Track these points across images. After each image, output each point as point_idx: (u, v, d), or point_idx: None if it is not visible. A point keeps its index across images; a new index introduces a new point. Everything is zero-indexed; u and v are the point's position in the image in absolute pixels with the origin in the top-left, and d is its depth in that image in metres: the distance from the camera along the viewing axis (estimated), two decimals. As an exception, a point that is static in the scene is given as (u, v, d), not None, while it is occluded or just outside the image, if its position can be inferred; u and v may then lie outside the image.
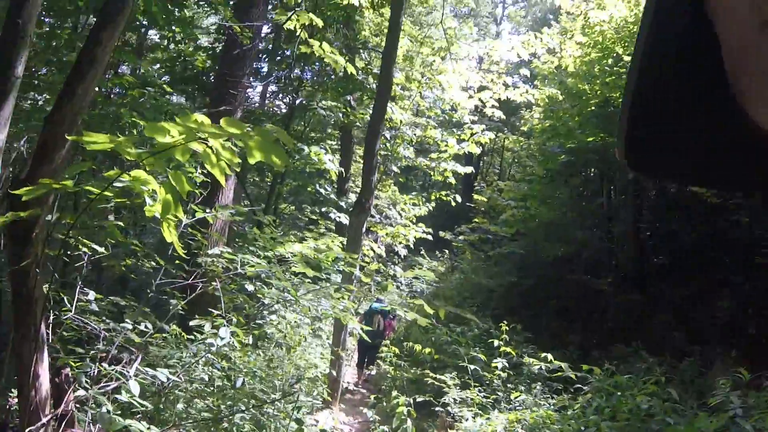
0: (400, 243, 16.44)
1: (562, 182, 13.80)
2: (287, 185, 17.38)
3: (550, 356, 6.66)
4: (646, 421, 4.62)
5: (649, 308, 9.88)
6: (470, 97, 11.30)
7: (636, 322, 9.78)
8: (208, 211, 5.10)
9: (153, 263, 5.61)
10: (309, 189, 15.57)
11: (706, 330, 8.46)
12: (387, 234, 16.45)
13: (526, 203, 14.35)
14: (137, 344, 4.19)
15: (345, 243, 7.72)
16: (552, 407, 6.37)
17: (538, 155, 15.57)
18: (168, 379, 3.45)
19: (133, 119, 5.65)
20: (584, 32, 12.46)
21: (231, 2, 10.68)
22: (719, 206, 9.38)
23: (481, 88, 11.27)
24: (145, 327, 4.50)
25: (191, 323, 4.55)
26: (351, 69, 7.00)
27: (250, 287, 7.76)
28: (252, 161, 2.59)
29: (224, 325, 4.11)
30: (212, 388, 4.40)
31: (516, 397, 6.60)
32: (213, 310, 4.61)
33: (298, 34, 6.66)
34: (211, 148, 2.66)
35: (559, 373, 6.48)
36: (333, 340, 7.69)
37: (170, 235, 3.44)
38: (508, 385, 7.25)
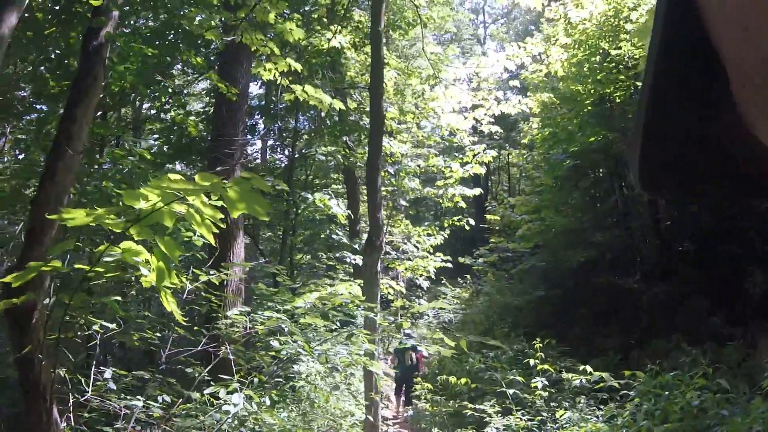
0: (421, 276, 16.24)
1: (571, 188, 13.60)
2: (300, 236, 17.37)
3: (589, 368, 6.37)
4: (700, 417, 4.35)
5: (681, 298, 9.56)
6: (465, 118, 11.23)
7: (671, 314, 9.46)
8: (215, 272, 5.01)
9: (167, 331, 5.50)
10: (322, 236, 15.50)
11: (743, 309, 8.13)
12: (406, 269, 16.27)
13: (540, 215, 14.15)
14: (157, 418, 4.05)
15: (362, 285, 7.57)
16: (600, 419, 6.08)
17: (543, 165, 15.43)
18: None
19: (117, 191, 5.60)
20: (567, 33, 12.45)
21: (216, 66, 10.81)
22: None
23: (474, 107, 11.22)
24: (163, 400, 4.36)
25: (206, 391, 4.39)
26: (339, 105, 6.95)
27: (275, 343, 7.64)
28: (235, 214, 2.49)
29: (237, 390, 3.94)
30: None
31: (561, 416, 6.28)
32: (225, 376, 4.45)
33: (278, 82, 6.64)
34: (193, 207, 2.58)
35: (602, 384, 6.19)
36: (365, 385, 7.44)
37: (168, 303, 3.34)
38: (552, 404, 6.95)
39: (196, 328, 5.26)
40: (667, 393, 4.99)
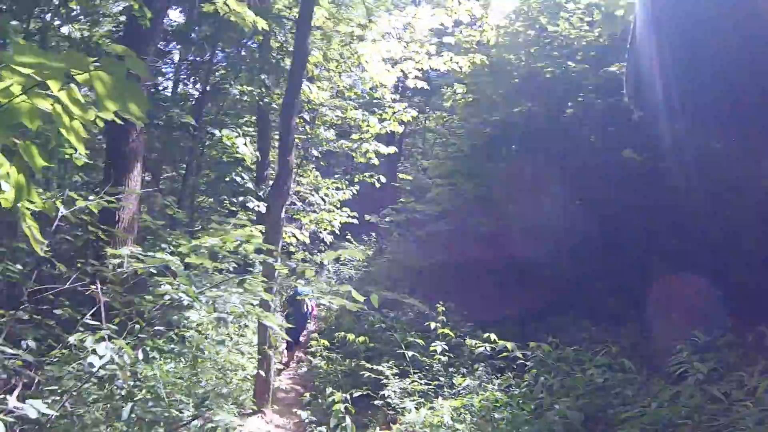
0: (325, 230, 15.86)
1: (486, 157, 13.54)
2: (204, 177, 16.43)
3: (493, 336, 6.25)
4: (602, 395, 4.28)
5: (583, 277, 9.75)
6: (392, 67, 10.75)
7: (571, 291, 9.64)
8: (95, 199, 4.32)
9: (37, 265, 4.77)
10: (227, 179, 14.67)
11: (642, 294, 8.37)
12: (311, 221, 15.82)
13: (452, 179, 14.02)
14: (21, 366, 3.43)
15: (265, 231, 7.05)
16: (497, 388, 6.01)
17: (460, 132, 15.32)
18: (41, 413, 2.72)
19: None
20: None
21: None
22: (642, 172, 9.33)
23: (405, 59, 10.77)
24: (27, 345, 3.73)
25: (70, 339, 3.79)
26: (261, 23, 6.26)
27: (166, 286, 6.98)
28: (106, 115, 1.93)
29: (105, 339, 3.38)
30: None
31: (460, 383, 6.16)
32: (94, 322, 3.85)
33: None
34: (60, 103, 1.99)
35: (505, 354, 6.10)
36: (259, 337, 7.00)
37: (27, 229, 2.75)
38: (450, 369, 6.84)
39: (60, 265, 4.57)
40: (567, 368, 4.92)
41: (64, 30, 10.96)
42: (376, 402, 6.13)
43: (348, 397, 5.59)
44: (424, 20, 9.97)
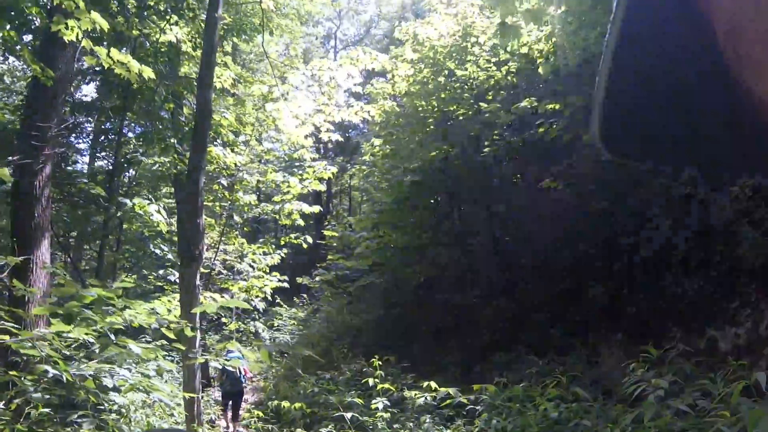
0: (257, 297, 15.14)
1: (411, 206, 13.40)
2: (125, 254, 15.50)
3: (434, 384, 5.81)
4: (558, 429, 3.92)
5: (521, 312, 9.55)
6: (303, 123, 10.53)
7: (512, 328, 9.40)
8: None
9: None
10: (148, 253, 13.87)
11: (583, 320, 8.22)
12: (240, 289, 15.09)
13: (378, 232, 13.75)
14: None
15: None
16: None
17: (382, 183, 15.24)
18: None
19: None
20: (414, 49, 12.37)
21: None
22: (574, 202, 9.38)
23: (317, 112, 10.59)
24: None
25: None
26: (148, 73, 5.82)
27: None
28: None
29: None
30: None
31: None
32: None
33: (79, 43, 5.42)
34: None
35: (449, 401, 5.66)
36: (186, 415, 6.27)
37: None
38: (395, 426, 6.32)
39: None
40: (518, 406, 4.55)
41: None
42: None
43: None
44: (332, 71, 9.84)
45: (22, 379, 3.21)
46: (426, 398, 5.92)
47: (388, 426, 6.22)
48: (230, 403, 9.99)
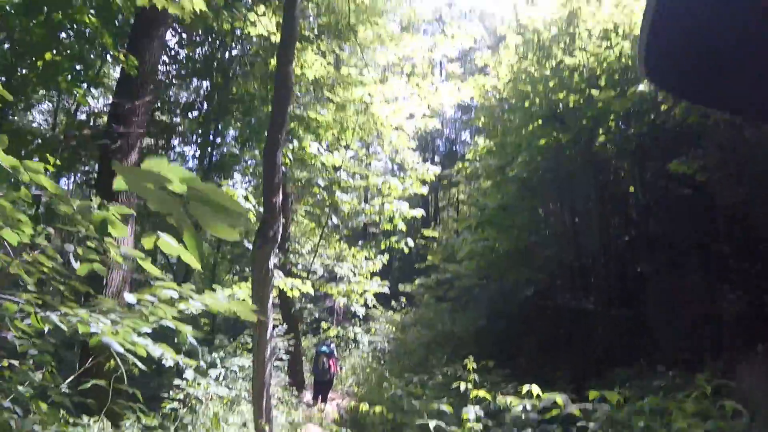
0: (357, 302, 14.66)
1: (518, 206, 12.34)
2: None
3: (536, 388, 4.79)
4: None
5: (642, 322, 8.28)
6: (397, 111, 9.93)
7: (630, 340, 8.16)
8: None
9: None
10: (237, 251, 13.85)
11: (717, 334, 6.90)
12: (338, 292, 14.68)
13: (483, 234, 12.79)
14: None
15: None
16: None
17: (485, 181, 14.34)
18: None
19: None
20: (518, 32, 11.46)
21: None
22: (704, 197, 8.07)
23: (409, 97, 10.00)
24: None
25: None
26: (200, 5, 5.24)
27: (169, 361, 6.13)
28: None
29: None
30: None
31: None
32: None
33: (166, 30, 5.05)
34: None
35: (555, 412, 4.65)
36: (254, 410, 5.71)
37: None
38: (488, 439, 5.41)
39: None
40: (644, 423, 3.53)
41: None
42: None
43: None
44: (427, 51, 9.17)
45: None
46: (525, 406, 4.88)
47: (479, 440, 5.31)
48: (320, 391, 11.19)
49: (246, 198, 9.15)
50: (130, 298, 3.02)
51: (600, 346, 8.96)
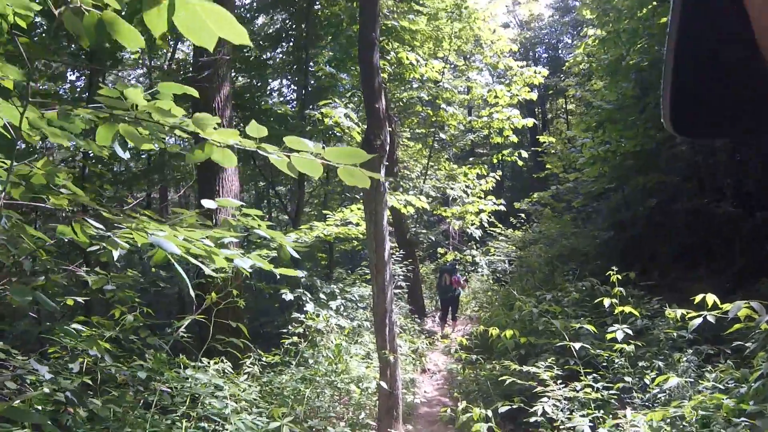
0: (472, 224, 14.18)
1: (640, 99, 11.06)
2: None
3: (712, 297, 3.85)
4: None
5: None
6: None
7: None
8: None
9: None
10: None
11: None
12: (453, 214, 14.25)
13: (602, 134, 11.69)
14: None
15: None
16: (714, 384, 4.00)
17: (600, 75, 13.04)
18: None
19: None
20: None
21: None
22: None
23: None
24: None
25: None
26: None
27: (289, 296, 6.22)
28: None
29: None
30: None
31: (659, 382, 4.07)
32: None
33: None
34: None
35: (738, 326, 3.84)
36: (377, 341, 5.55)
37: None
38: (639, 364, 4.85)
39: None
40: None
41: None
42: (532, 419, 4.29)
43: (490, 415, 3.96)
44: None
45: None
46: (679, 321, 4.12)
47: (630, 364, 4.78)
48: (449, 308, 11.65)
49: (347, 116, 8.78)
50: (209, 203, 2.44)
51: (743, 254, 7.97)
